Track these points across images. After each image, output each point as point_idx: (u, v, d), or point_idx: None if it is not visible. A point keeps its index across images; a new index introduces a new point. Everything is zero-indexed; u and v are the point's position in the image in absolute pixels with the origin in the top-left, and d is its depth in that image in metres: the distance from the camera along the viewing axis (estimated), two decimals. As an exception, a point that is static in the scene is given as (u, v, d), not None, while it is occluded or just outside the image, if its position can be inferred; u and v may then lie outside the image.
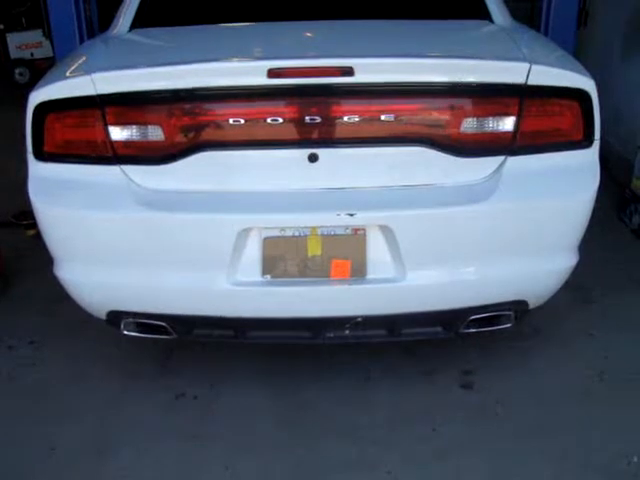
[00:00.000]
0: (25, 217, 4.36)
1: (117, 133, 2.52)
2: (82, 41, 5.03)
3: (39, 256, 3.94)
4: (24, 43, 9.41)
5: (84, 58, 2.78)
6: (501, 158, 2.56)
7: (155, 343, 3.24)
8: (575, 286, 2.90)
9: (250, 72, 2.42)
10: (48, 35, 8.28)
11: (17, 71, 9.37)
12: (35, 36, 9.45)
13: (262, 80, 2.40)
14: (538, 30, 4.72)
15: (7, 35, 9.53)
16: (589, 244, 2.84)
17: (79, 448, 2.76)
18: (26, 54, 9.33)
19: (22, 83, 9.37)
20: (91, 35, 5.15)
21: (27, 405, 3.01)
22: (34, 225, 4.31)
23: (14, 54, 9.46)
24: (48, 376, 3.19)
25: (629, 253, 4.17)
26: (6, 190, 4.58)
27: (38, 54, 9.32)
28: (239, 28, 3.05)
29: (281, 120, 2.46)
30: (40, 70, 8.78)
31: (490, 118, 2.54)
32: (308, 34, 2.91)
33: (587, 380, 3.08)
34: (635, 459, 2.65)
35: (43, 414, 2.95)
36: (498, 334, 3.06)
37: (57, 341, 3.43)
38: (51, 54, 8.54)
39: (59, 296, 3.36)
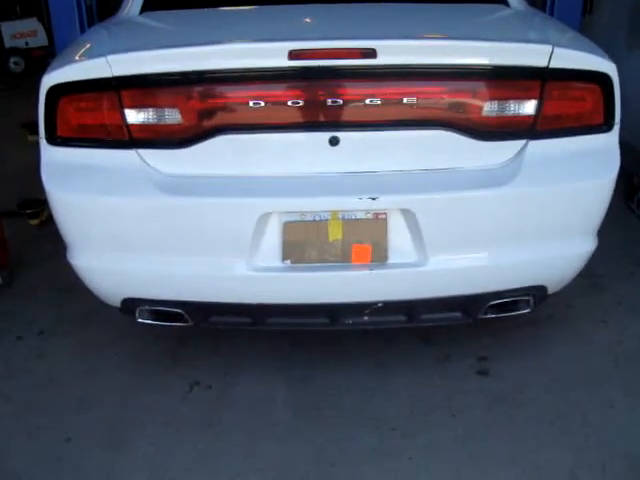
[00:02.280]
0: (28, 206, 4.30)
1: (133, 116, 2.47)
2: (82, 29, 4.95)
3: (44, 245, 3.93)
4: (18, 32, 9.30)
5: (97, 41, 2.73)
6: (522, 142, 2.54)
7: (167, 332, 3.20)
8: (586, 273, 2.88)
9: (271, 53, 2.37)
10: (47, 23, 8.17)
11: (12, 60, 9.27)
12: (30, 25, 9.34)
13: (283, 62, 2.36)
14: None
15: (1, 24, 9.41)
16: (597, 231, 2.82)
17: (94, 439, 2.72)
18: (21, 43, 9.23)
19: (17, 72, 9.28)
20: (91, 23, 5.08)
21: (39, 396, 2.97)
22: (38, 214, 4.31)
23: (8, 43, 9.35)
24: (59, 367, 3.14)
25: (637, 240, 4.16)
26: (7, 179, 4.53)
27: (33, 43, 9.22)
28: (256, 10, 3.01)
29: (301, 102, 2.43)
30: (35, 59, 8.69)
31: (512, 101, 2.51)
32: (328, 16, 2.87)
33: (603, 366, 3.07)
34: (655, 444, 2.64)
35: (56, 405, 2.91)
36: (512, 320, 3.05)
37: (66, 331, 3.39)
38: (46, 43, 8.44)
39: (66, 286, 3.35)
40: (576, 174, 2.57)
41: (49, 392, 2.99)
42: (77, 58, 2.54)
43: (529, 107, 2.51)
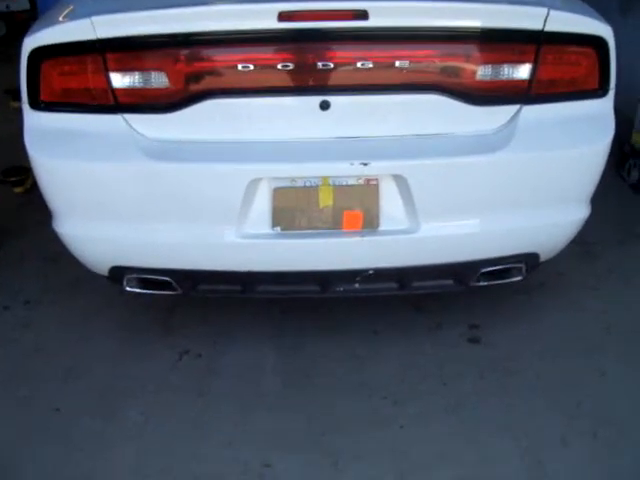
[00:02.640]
0: (13, 174, 4.23)
1: (119, 80, 2.41)
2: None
3: (29, 214, 3.87)
4: (-2, -5, 9.08)
5: (81, 2, 2.63)
6: (516, 107, 2.50)
7: (156, 301, 3.17)
8: (577, 241, 2.85)
9: (260, 15, 2.31)
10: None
11: (-7, 24, 9.06)
12: (10, -13, 9.10)
13: (272, 23, 2.29)
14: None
15: (-21, -13, 9.18)
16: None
17: (83, 408, 2.71)
18: (1, 6, 9.00)
19: (-1, 37, 9.09)
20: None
21: (27, 366, 2.94)
22: (22, 182, 4.25)
23: (-12, 7, 9.13)
24: (46, 336, 3.11)
25: (628, 208, 4.13)
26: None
27: (14, 7, 8.96)
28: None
29: (292, 66, 2.37)
30: (18, 24, 8.48)
31: (506, 65, 2.46)
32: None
33: (595, 333, 3.06)
34: (646, 411, 2.64)
35: (44, 375, 2.88)
36: (504, 288, 3.02)
37: (53, 300, 3.34)
38: (28, 6, 8.24)
39: (53, 254, 3.30)
40: (570, 140, 2.53)
41: (36, 362, 2.96)
42: (60, 20, 2.46)
43: (523, 71, 2.46)
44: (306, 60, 2.38)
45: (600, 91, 2.55)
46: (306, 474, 2.41)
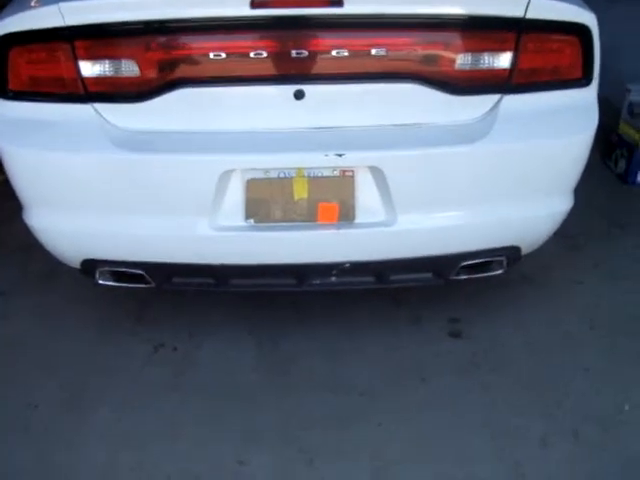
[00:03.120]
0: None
1: (88, 69, 2.34)
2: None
3: (6, 203, 3.78)
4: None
5: (51, -12, 2.57)
6: (497, 96, 2.44)
7: (131, 294, 3.11)
8: (561, 233, 2.80)
9: (232, 2, 2.23)
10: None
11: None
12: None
13: (245, 10, 2.22)
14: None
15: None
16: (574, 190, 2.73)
17: (55, 405, 2.65)
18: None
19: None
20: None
21: (1, 360, 2.88)
22: (1, 172, 4.16)
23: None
24: (20, 329, 3.06)
25: (614, 199, 4.08)
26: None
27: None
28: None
29: (265, 54, 2.30)
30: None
31: (485, 54, 2.39)
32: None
33: (578, 329, 3.00)
34: (627, 407, 2.60)
35: (19, 369, 2.83)
36: (486, 281, 2.98)
37: (28, 292, 3.29)
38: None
39: (29, 245, 3.22)
40: (552, 130, 2.47)
41: (10, 356, 2.90)
42: (29, 6, 2.39)
43: (504, 60, 2.39)
44: (280, 48, 2.32)
45: (584, 80, 2.48)
46: (281, 471, 2.36)
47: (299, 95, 2.34)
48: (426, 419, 2.55)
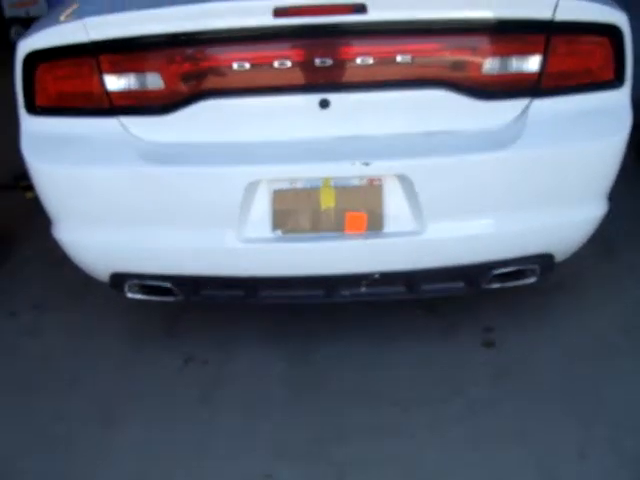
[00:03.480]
0: (24, 179, 4.19)
1: (113, 82, 2.35)
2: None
3: (39, 219, 3.83)
4: (18, 1, 9.07)
5: (76, 5, 2.58)
6: (526, 101, 2.39)
7: (163, 306, 3.10)
8: (595, 237, 2.72)
9: (255, 11, 2.23)
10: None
11: (13, 30, 9.06)
12: (29, -7, 9.12)
13: (268, 20, 2.22)
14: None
15: (-1, -6, 9.21)
16: (608, 195, 2.66)
17: (86, 417, 2.65)
18: (21, 12, 8.98)
19: (19, 42, 9.07)
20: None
21: (32, 374, 2.89)
22: (32, 189, 4.20)
23: (9, 13, 9.10)
24: (52, 343, 3.07)
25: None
26: (3, 152, 4.41)
27: (34, 12, 8.96)
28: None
29: (289, 63, 2.29)
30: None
31: (514, 57, 2.36)
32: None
33: (614, 337, 2.92)
34: (667, 417, 2.52)
35: (49, 383, 2.83)
36: (520, 290, 2.90)
37: (61, 306, 3.30)
38: (47, 11, 8.26)
39: (61, 259, 3.24)
40: (584, 134, 2.41)
41: (41, 369, 2.91)
42: (53, 23, 2.41)
43: (533, 63, 2.35)
44: (304, 57, 2.31)
45: (616, 82, 2.43)
46: (310, 486, 2.33)
47: (324, 104, 2.32)
48: (460, 431, 2.50)
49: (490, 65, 2.34)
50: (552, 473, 2.32)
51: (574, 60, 2.40)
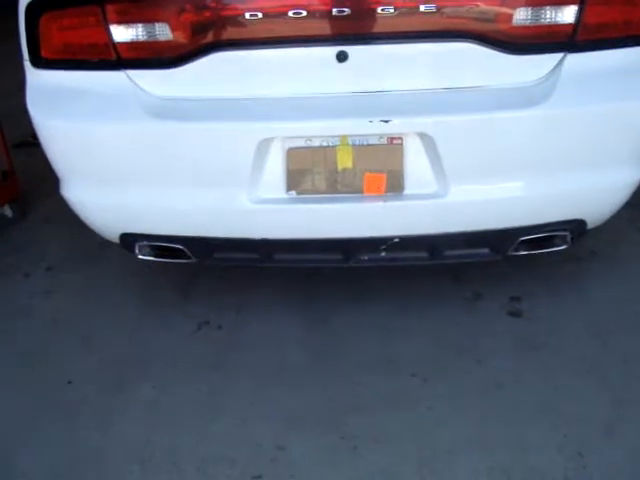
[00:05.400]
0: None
1: (120, 33, 2.23)
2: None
3: (53, 176, 3.77)
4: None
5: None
6: (559, 55, 2.22)
7: (179, 268, 3.02)
8: (631, 204, 2.57)
9: (268, -44, 2.09)
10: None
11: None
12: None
13: (282, -35, 2.08)
14: None
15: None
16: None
17: (96, 381, 2.59)
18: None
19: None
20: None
21: (43, 336, 2.85)
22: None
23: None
24: (64, 305, 3.01)
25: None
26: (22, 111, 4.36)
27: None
28: None
29: (304, 13, 2.14)
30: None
31: (547, 7, 2.17)
32: None
33: (649, 309, 2.77)
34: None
35: (59, 345, 2.78)
36: (550, 257, 2.77)
37: (75, 267, 3.25)
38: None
39: (78, 219, 3.17)
40: (621, 92, 2.24)
41: (53, 332, 2.86)
42: (58, -30, 2.29)
43: (568, 14, 2.17)
44: (320, 6, 2.15)
45: (656, 36, 2.24)
46: (321, 459, 2.22)
47: (342, 57, 2.18)
48: (480, 404, 2.38)
49: (521, 15, 2.17)
50: (577, 449, 2.19)
51: (613, 10, 2.21)
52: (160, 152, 2.28)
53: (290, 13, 2.15)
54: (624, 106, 2.25)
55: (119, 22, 2.22)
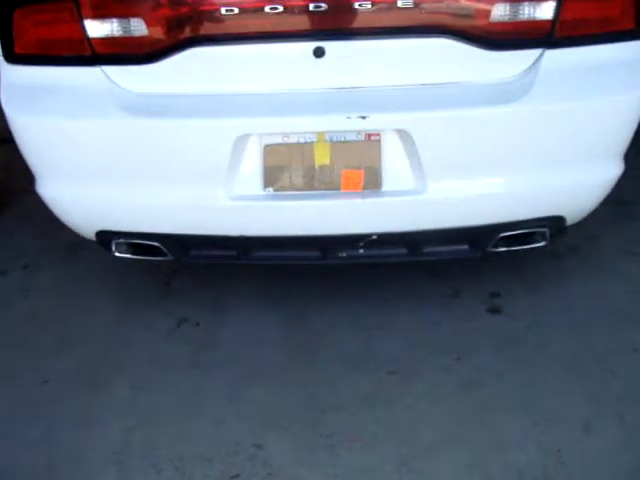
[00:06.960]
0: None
1: (95, 28, 2.20)
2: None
3: (30, 174, 3.72)
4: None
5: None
6: (538, 51, 2.22)
7: (157, 266, 3.00)
8: (614, 200, 2.57)
9: (243, -50, 2.07)
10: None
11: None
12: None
13: (258, -40, 2.06)
14: None
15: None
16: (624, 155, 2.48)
17: (74, 380, 2.56)
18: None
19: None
20: None
21: (19, 334, 2.81)
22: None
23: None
24: (42, 303, 2.98)
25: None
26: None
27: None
28: None
29: (281, 8, 2.12)
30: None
31: (525, 3, 2.17)
32: None
33: (628, 305, 2.77)
34: (683, 391, 2.38)
35: (36, 344, 2.75)
36: (530, 253, 2.76)
37: (52, 265, 3.22)
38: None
39: (55, 217, 3.14)
40: (600, 88, 2.24)
41: (30, 330, 2.83)
42: (31, -37, 2.26)
43: (546, 10, 2.17)
44: (297, 1, 2.13)
45: (636, 31, 2.24)
46: (300, 458, 2.20)
47: (319, 53, 2.16)
48: (460, 401, 2.38)
49: (499, 11, 2.16)
50: (556, 446, 2.19)
51: (591, 7, 2.21)
52: (136, 149, 2.26)
53: (267, 8, 2.13)
54: (602, 102, 2.25)
55: (93, 17, 2.19)
